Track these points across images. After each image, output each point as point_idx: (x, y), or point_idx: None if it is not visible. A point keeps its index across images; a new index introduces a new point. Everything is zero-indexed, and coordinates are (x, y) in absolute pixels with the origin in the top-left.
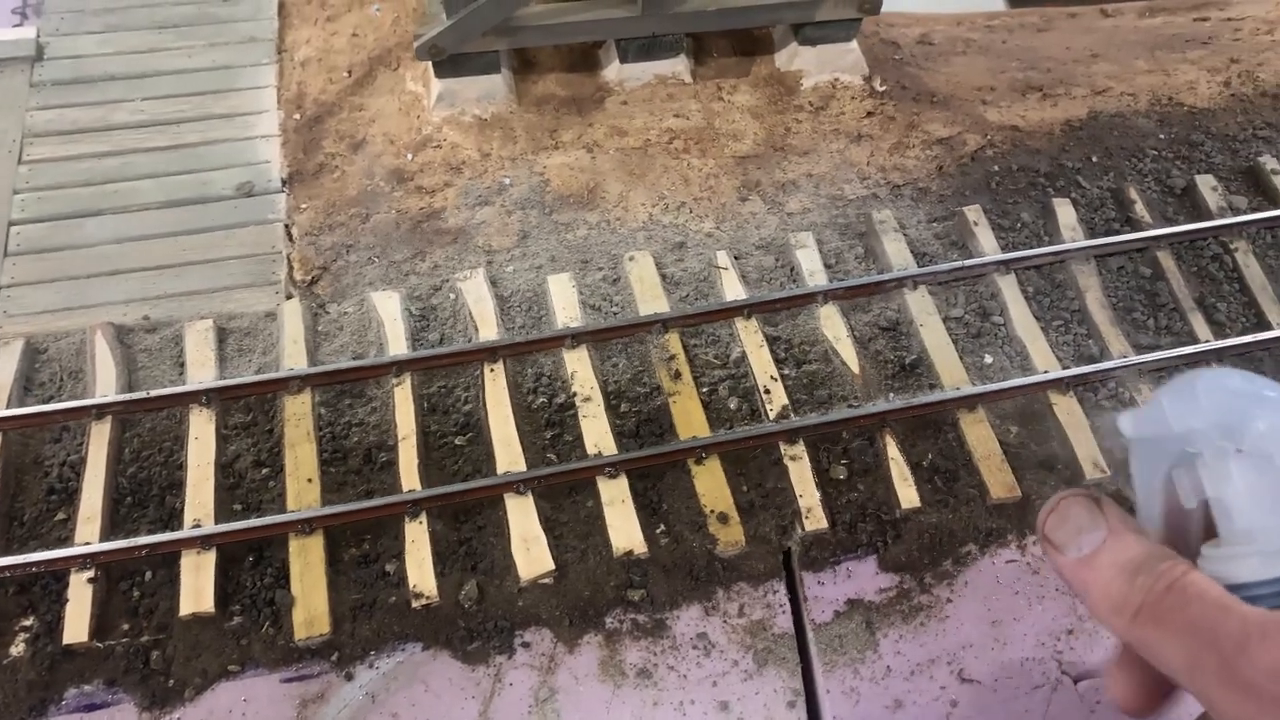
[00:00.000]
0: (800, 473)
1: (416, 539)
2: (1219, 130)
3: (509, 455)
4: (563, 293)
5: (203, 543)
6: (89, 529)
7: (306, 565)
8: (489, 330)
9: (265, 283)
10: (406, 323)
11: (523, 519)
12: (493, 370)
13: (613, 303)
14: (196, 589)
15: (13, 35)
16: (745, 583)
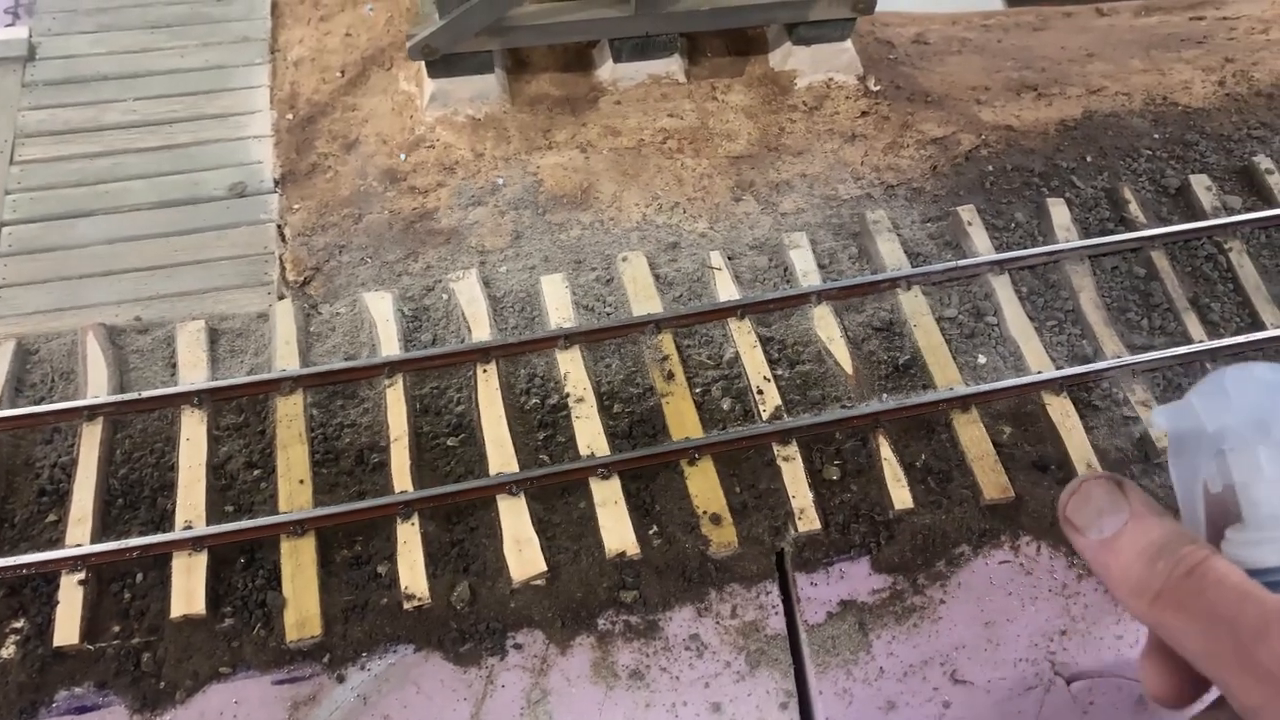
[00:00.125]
0: (793, 473)
1: (408, 540)
2: (1214, 130)
3: (501, 456)
4: (556, 293)
5: (194, 544)
6: (80, 531)
7: (298, 567)
8: (482, 331)
9: (257, 283)
10: (399, 323)
11: (515, 520)
12: (485, 371)
13: (606, 303)
14: (188, 591)
15: (4, 35)
16: (738, 584)
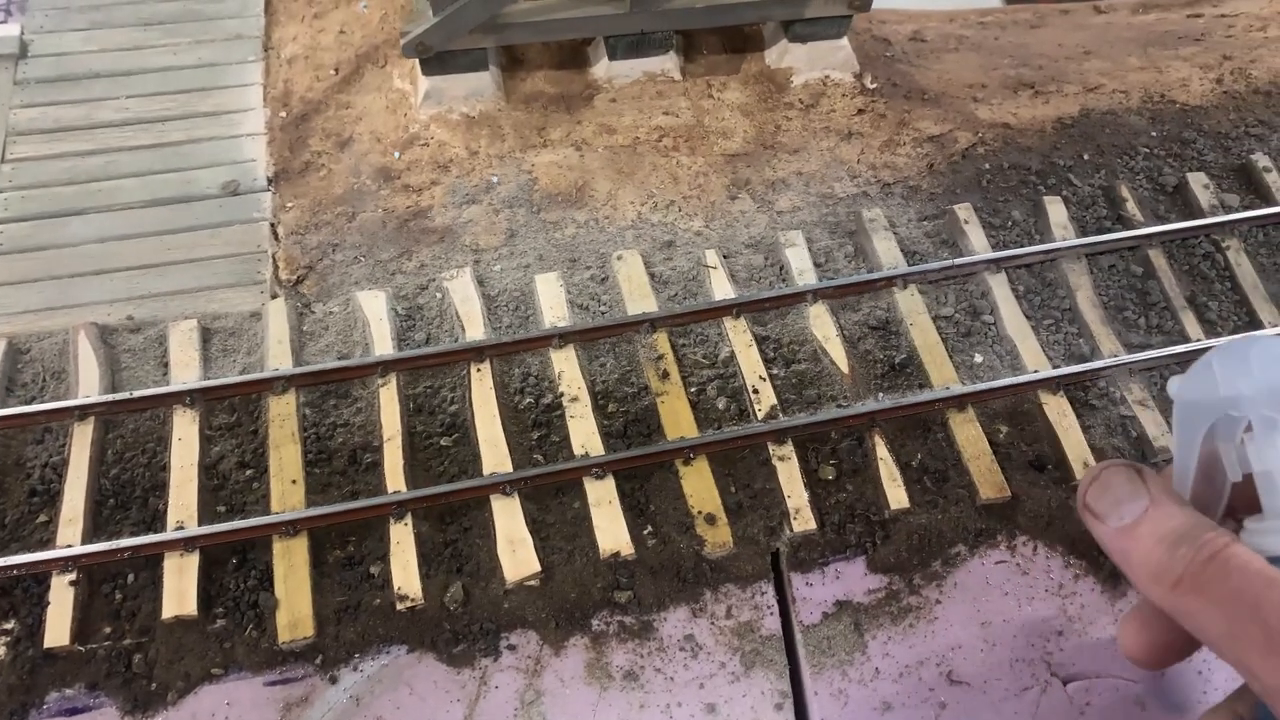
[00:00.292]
0: (789, 473)
1: (402, 541)
2: (1211, 128)
3: (495, 456)
4: (550, 292)
5: (186, 545)
6: (71, 531)
7: (290, 567)
8: (475, 330)
9: (250, 282)
10: (392, 322)
11: (509, 520)
12: (479, 370)
13: (601, 302)
14: (179, 591)
15: None
16: (733, 584)
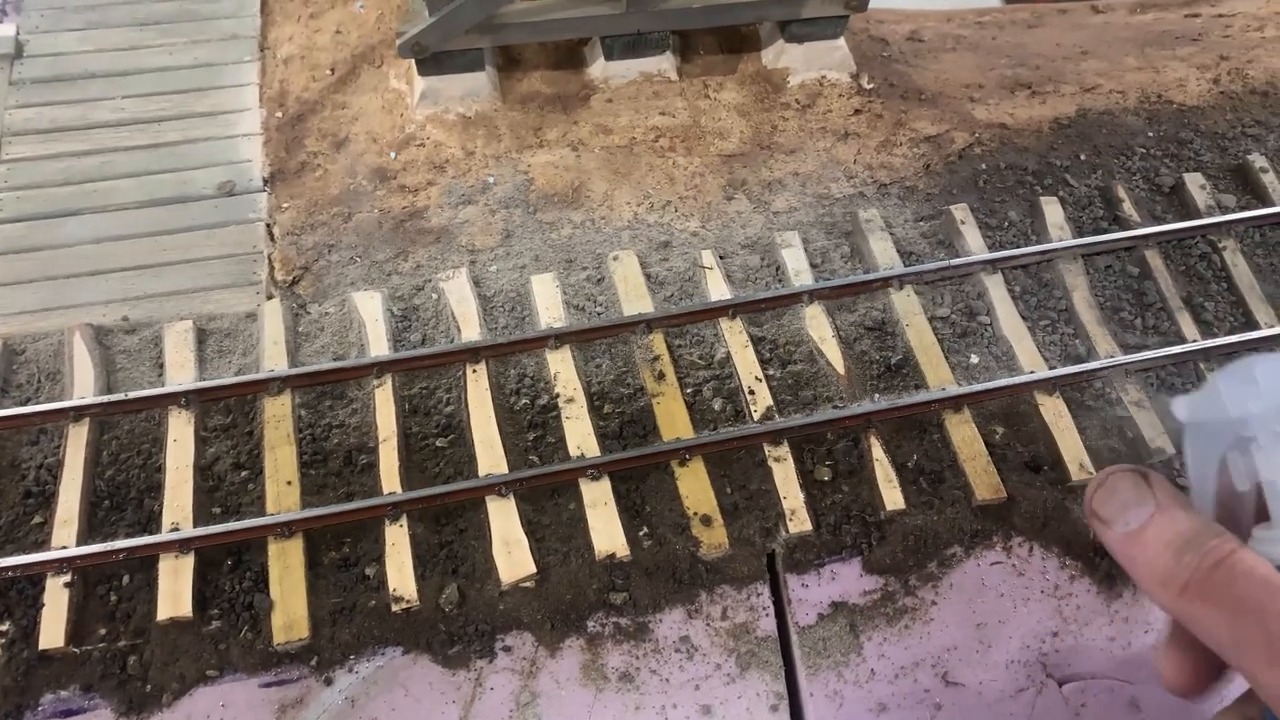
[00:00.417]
0: (784, 474)
1: (397, 542)
2: (1208, 128)
3: (491, 457)
4: (546, 293)
5: (181, 546)
6: (66, 532)
7: (286, 569)
8: (471, 331)
9: (246, 283)
10: (388, 323)
11: (504, 522)
12: (475, 371)
13: (596, 303)
14: (174, 593)
15: None
16: (728, 585)
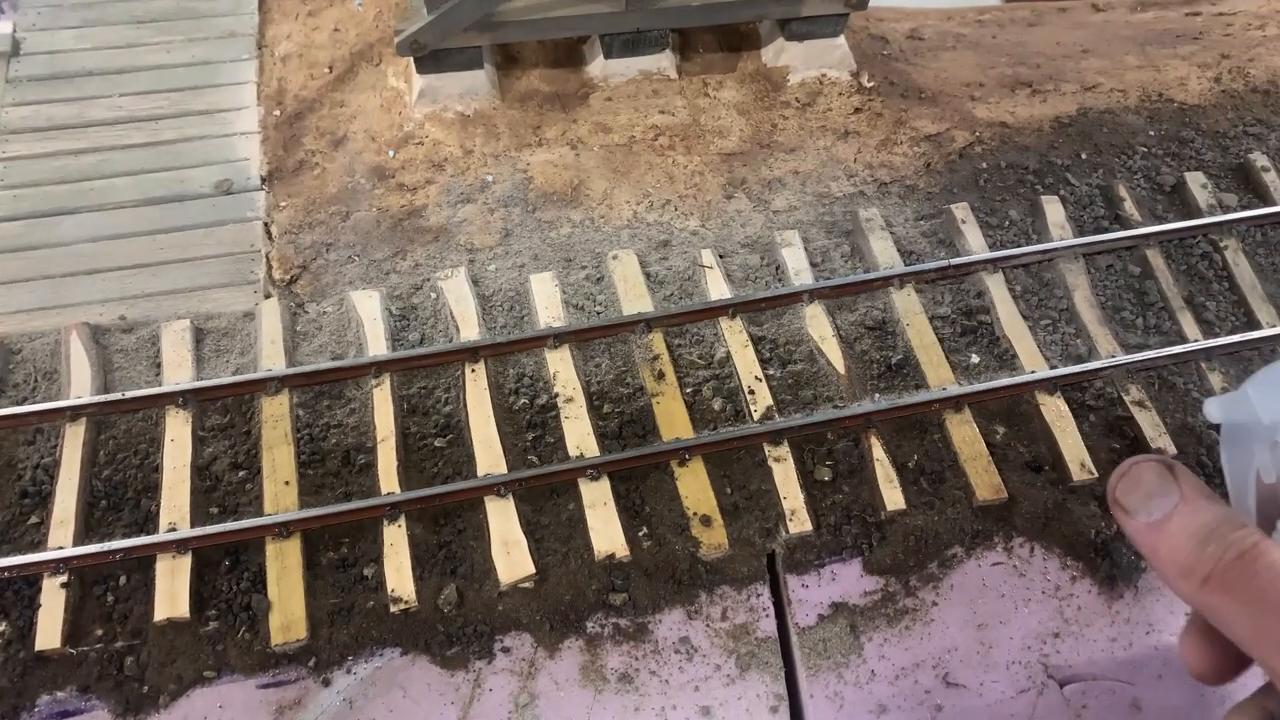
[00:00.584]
0: (784, 474)
1: (395, 542)
2: (1209, 127)
3: (490, 457)
4: (545, 292)
5: (178, 546)
6: (62, 533)
7: (284, 569)
8: (470, 330)
9: (244, 282)
10: (386, 322)
11: (503, 522)
12: (474, 371)
13: (596, 302)
14: (172, 594)
15: None
16: (728, 586)
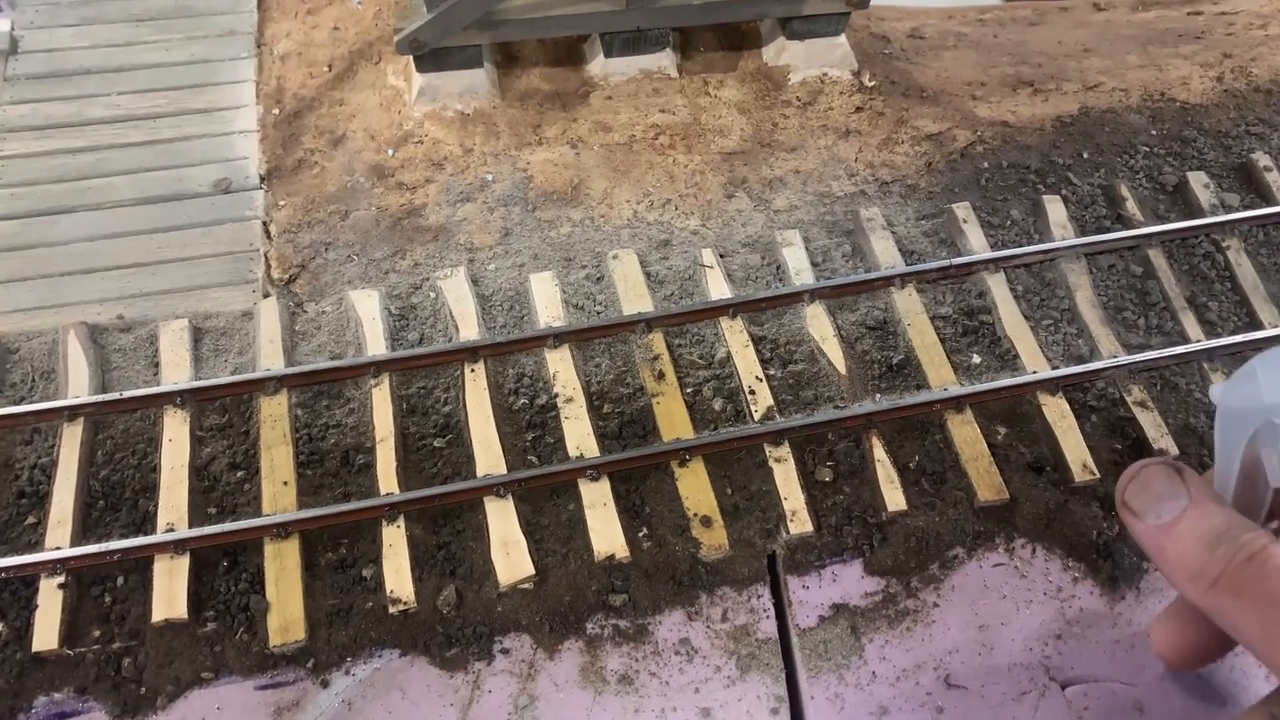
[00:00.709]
0: (785, 475)
1: (394, 543)
2: (1211, 126)
3: (489, 458)
4: (545, 291)
5: (176, 547)
6: (60, 533)
7: (282, 570)
8: (470, 330)
9: (242, 281)
10: (385, 322)
11: (503, 523)
12: (473, 371)
13: (596, 302)
14: (169, 594)
15: None
16: (729, 587)
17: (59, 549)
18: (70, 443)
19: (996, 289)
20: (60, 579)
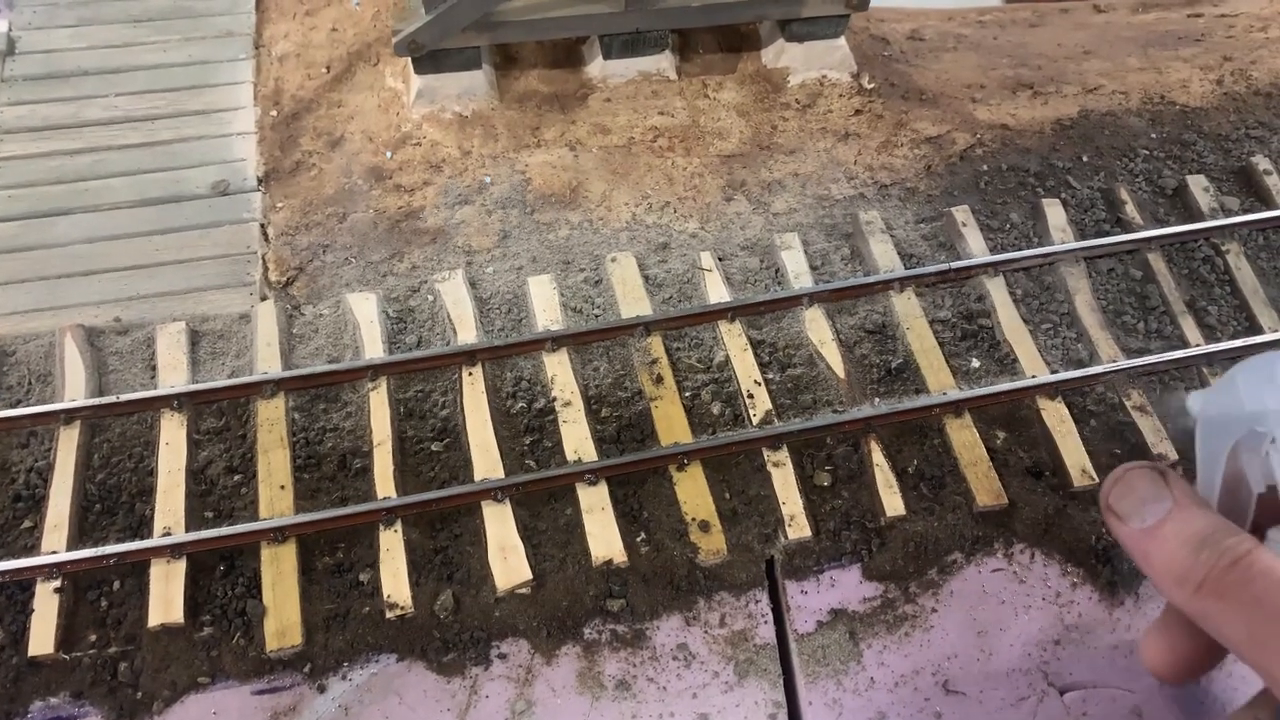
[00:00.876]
0: (784, 479)
1: (391, 548)
2: (1211, 129)
3: (487, 462)
4: (543, 294)
5: (173, 551)
6: (56, 537)
7: (279, 574)
8: (467, 333)
9: (240, 284)
10: (383, 325)
11: (500, 527)
12: (471, 374)
13: (594, 305)
14: (166, 599)
15: None
16: (727, 592)
17: (55, 553)
18: (67, 446)
19: (996, 293)
20: (56, 583)
